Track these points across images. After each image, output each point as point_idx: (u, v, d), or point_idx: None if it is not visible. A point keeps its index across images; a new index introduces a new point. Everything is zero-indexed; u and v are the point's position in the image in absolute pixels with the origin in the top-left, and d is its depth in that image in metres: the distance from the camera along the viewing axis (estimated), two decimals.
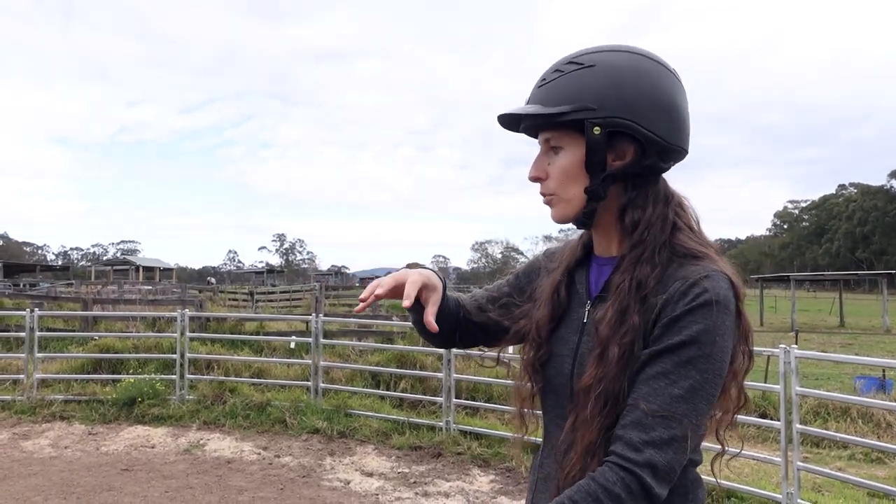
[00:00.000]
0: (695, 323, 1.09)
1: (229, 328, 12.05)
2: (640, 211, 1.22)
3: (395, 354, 9.67)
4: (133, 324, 12.27)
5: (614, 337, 1.15)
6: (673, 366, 1.09)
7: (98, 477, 6.50)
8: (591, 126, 1.19)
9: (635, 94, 1.19)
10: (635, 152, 1.21)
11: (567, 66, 1.24)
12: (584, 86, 1.21)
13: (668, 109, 1.21)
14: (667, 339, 1.10)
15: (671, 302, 1.12)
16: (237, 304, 26.06)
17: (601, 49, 1.25)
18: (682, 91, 1.27)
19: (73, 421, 8.43)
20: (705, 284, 1.11)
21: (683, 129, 1.25)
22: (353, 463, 7.03)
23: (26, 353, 9.13)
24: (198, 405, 8.74)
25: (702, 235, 1.25)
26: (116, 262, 77.06)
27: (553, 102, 1.22)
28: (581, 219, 1.27)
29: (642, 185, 1.24)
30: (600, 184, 1.22)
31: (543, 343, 1.31)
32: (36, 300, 15.37)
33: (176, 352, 9.13)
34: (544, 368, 1.31)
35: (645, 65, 1.23)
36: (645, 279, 1.17)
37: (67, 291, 24.60)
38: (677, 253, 1.19)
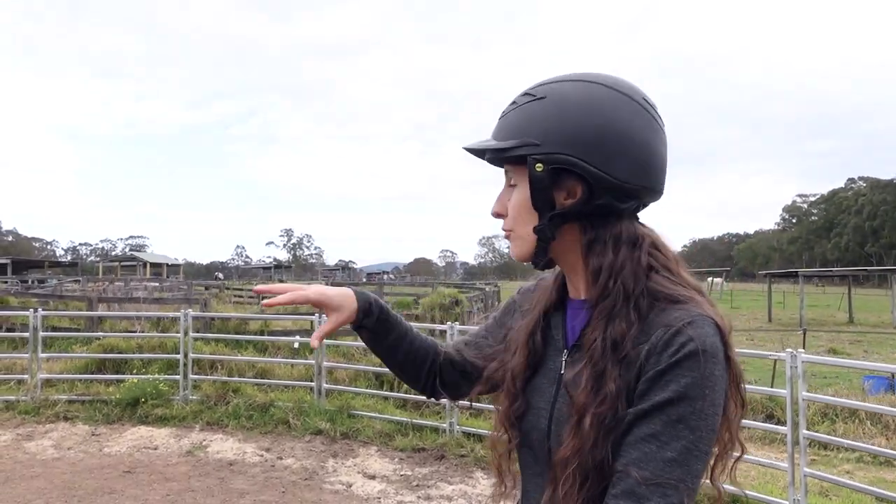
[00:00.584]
0: (682, 377, 1.00)
1: (233, 327, 12.02)
2: (600, 256, 1.13)
3: None
4: (137, 323, 12.27)
5: (590, 405, 1.06)
6: (663, 426, 0.99)
7: (100, 479, 6.48)
8: (533, 162, 1.12)
9: (580, 127, 1.10)
10: (583, 191, 1.12)
11: (522, 97, 1.18)
12: (531, 119, 1.14)
13: (622, 143, 1.10)
14: (653, 396, 1.01)
15: (654, 353, 1.03)
16: (243, 301, 26.06)
17: (558, 79, 1.17)
18: (647, 124, 1.14)
19: (77, 421, 8.42)
20: (690, 332, 1.01)
21: (645, 167, 1.13)
22: (356, 465, 6.99)
23: (30, 353, 9.12)
24: (201, 406, 8.72)
25: (683, 276, 1.14)
26: (124, 259, 77.30)
27: (504, 136, 1.17)
28: (533, 259, 1.20)
29: (601, 226, 1.14)
30: (548, 223, 1.14)
31: (519, 394, 1.22)
32: (41, 299, 15.41)
33: (179, 352, 9.11)
34: (520, 422, 1.23)
35: (598, 94, 1.12)
36: (621, 338, 1.07)
37: (73, 289, 24.65)
38: (657, 297, 1.09)
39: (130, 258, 76.02)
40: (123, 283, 26.70)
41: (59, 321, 12.72)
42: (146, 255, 79.71)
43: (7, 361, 10.11)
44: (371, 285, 33.19)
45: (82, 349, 10.72)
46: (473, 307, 12.78)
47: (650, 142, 1.13)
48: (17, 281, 32.09)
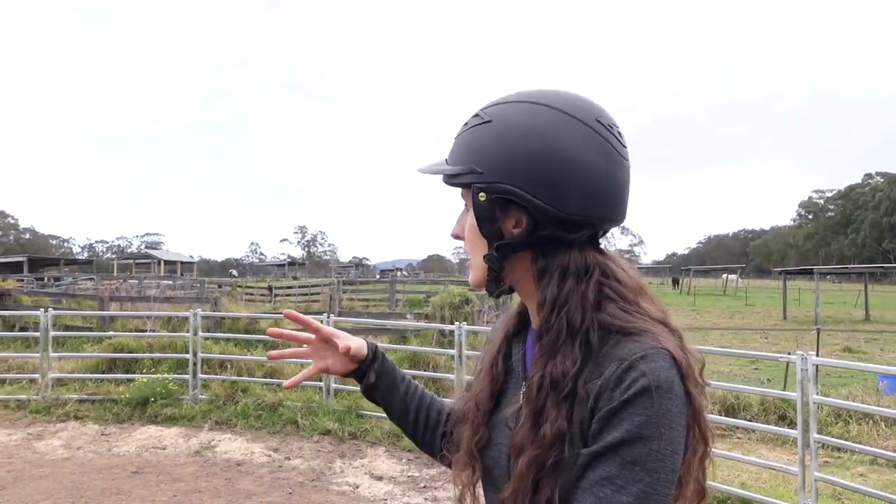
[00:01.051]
0: (635, 415, 0.93)
1: (244, 326, 12.04)
2: (544, 289, 1.07)
3: (409, 354, 9.61)
4: (148, 322, 12.31)
5: (528, 446, 1.01)
6: (617, 469, 0.92)
7: (108, 480, 6.49)
8: (477, 191, 1.07)
9: (522, 153, 1.03)
10: (528, 222, 1.06)
11: (472, 119, 1.12)
12: (476, 144, 1.09)
13: (567, 172, 1.02)
14: (606, 436, 0.94)
15: (607, 389, 0.96)
16: (255, 299, 26.13)
17: (505, 100, 1.11)
18: (598, 148, 1.05)
19: (87, 421, 8.46)
20: (642, 367, 0.94)
21: (595, 196, 1.04)
22: (364, 466, 6.97)
23: (41, 353, 9.17)
24: (210, 405, 8.73)
25: (641, 306, 1.06)
26: (139, 256, 77.82)
27: (454, 160, 1.12)
28: (486, 287, 1.15)
29: (551, 256, 1.07)
30: (495, 253, 1.09)
31: (482, 425, 1.16)
32: (54, 297, 15.51)
33: (189, 351, 9.13)
34: (482, 455, 1.16)
35: (544, 118, 1.04)
36: (562, 376, 1.00)
37: (87, 287, 24.82)
38: (609, 330, 1.01)
39: (145, 256, 76.50)
40: (137, 282, 26.86)
41: (71, 320, 12.80)
42: (161, 253, 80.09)
43: (19, 360, 10.18)
44: (384, 282, 33.16)
45: (93, 348, 10.78)
46: (484, 306, 12.71)
47: (602, 168, 1.05)
48: (33, 279, 32.33)
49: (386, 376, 1.40)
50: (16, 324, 12.35)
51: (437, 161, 1.17)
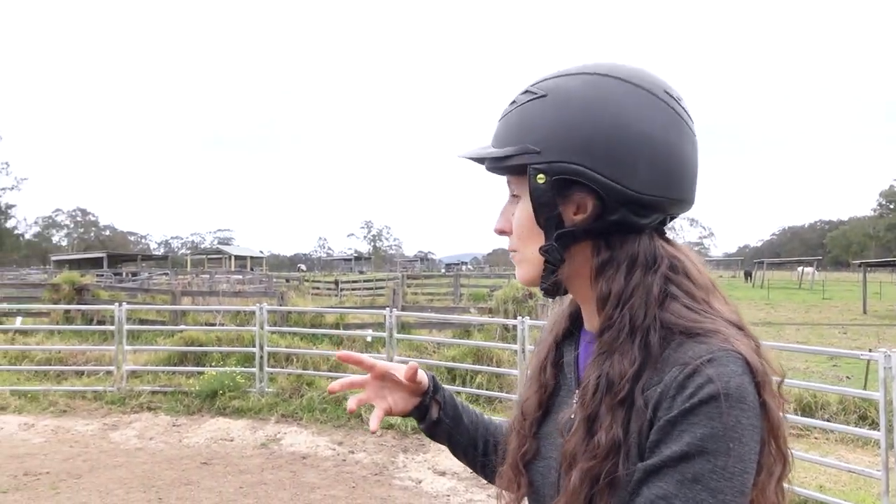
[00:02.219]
0: (698, 426, 0.81)
1: (309, 320, 12.20)
2: (608, 282, 0.95)
3: (472, 349, 9.56)
4: (217, 316, 12.60)
5: (580, 455, 0.90)
6: (676, 487, 0.81)
7: (178, 470, 6.65)
8: (534, 172, 0.94)
9: (588, 129, 0.92)
10: (595, 205, 0.94)
11: (522, 95, 1.00)
12: (530, 121, 0.96)
13: (639, 147, 0.92)
14: (665, 449, 0.83)
15: (667, 397, 0.84)
16: (321, 293, 26.53)
17: (563, 73, 0.99)
18: (670, 122, 0.94)
19: (159, 412, 8.70)
20: (709, 372, 0.82)
21: (669, 174, 0.94)
22: (426, 461, 6.96)
23: (116, 346, 9.48)
24: (276, 398, 8.87)
25: (712, 305, 0.94)
26: (211, 252, 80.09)
27: (502, 142, 1.00)
28: (541, 284, 1.01)
29: (617, 246, 0.96)
30: (555, 244, 0.97)
31: (529, 436, 1.06)
32: (130, 292, 16.04)
33: (256, 345, 9.30)
34: (529, 469, 1.05)
35: (609, 90, 0.94)
36: (619, 378, 0.89)
37: (161, 283, 25.65)
38: (672, 330, 0.90)
39: (217, 251, 78.77)
40: (209, 276, 27.61)
41: (145, 314, 13.21)
42: (232, 248, 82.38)
43: (96, 353, 10.55)
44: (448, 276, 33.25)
45: (165, 341, 11.10)
46: (548, 300, 12.56)
47: (674, 144, 0.94)
48: (112, 274, 33.62)
49: (448, 408, 1.27)
50: (94, 317, 12.81)
51: (481, 145, 1.05)
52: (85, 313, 12.76)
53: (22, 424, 8.16)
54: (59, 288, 13.92)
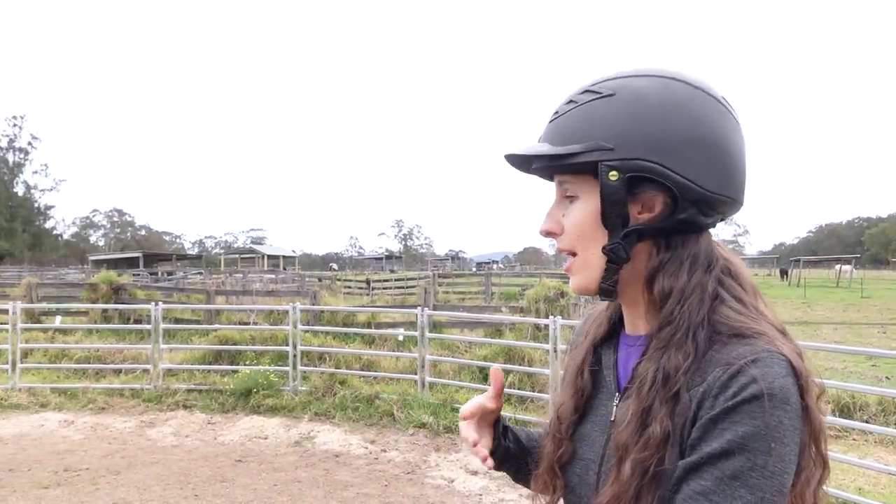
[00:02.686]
0: (740, 424, 0.82)
1: (342, 319, 12.28)
2: (672, 278, 0.95)
3: (503, 348, 9.55)
4: (251, 315, 12.75)
5: (632, 447, 0.91)
6: (715, 483, 0.82)
7: (213, 467, 6.74)
8: (607, 170, 0.95)
9: (664, 128, 0.94)
10: (665, 203, 0.95)
11: (582, 95, 1.00)
12: (599, 119, 0.97)
13: (709, 148, 0.95)
14: (705, 447, 0.84)
15: (709, 395, 0.86)
16: (353, 292, 26.69)
17: (625, 74, 1.00)
18: (732, 126, 0.98)
19: (195, 410, 8.82)
20: (753, 372, 0.84)
21: (732, 174, 0.97)
22: (458, 460, 6.96)
23: (153, 344, 9.64)
24: (309, 396, 8.95)
25: (758, 308, 0.96)
26: (244, 251, 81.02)
27: (563, 140, 0.99)
28: (602, 286, 1.01)
29: (679, 245, 0.97)
30: (621, 242, 0.97)
31: (565, 439, 1.07)
32: (165, 291, 16.28)
33: (289, 343, 9.39)
34: (565, 472, 1.06)
35: (680, 92, 0.96)
36: (674, 371, 0.90)
37: (195, 282, 26.00)
38: (719, 331, 0.91)
39: (250, 251, 79.67)
40: (242, 276, 27.93)
41: (181, 313, 13.40)
42: (264, 248, 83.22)
43: (133, 351, 10.73)
44: (479, 275, 33.23)
45: (200, 340, 11.26)
46: (580, 299, 12.49)
47: (735, 146, 0.98)
48: (148, 273, 34.19)
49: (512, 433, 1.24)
50: (131, 316, 13.03)
51: (530, 145, 1.04)
52: (122, 312, 13.00)
53: (62, 421, 8.33)
54: (98, 287, 14.20)
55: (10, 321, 9.65)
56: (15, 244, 63.72)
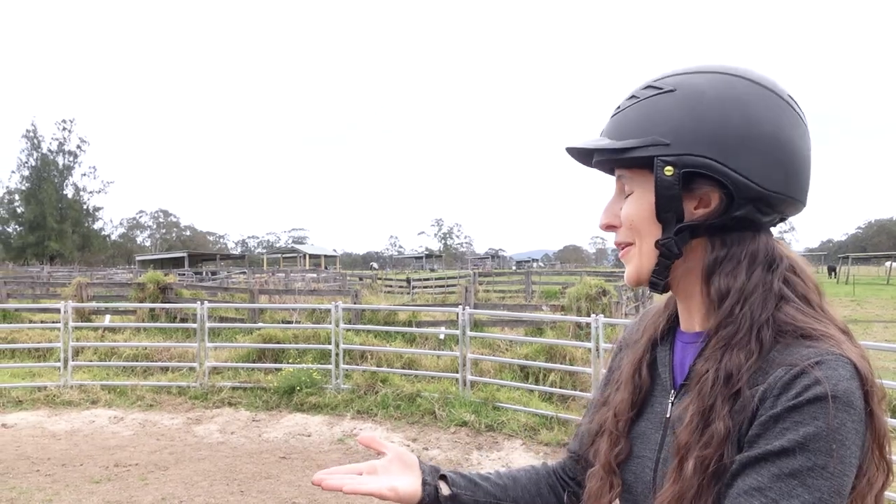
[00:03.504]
0: (802, 424, 0.82)
1: (383, 318, 12.35)
2: (729, 277, 0.95)
3: (545, 347, 9.50)
4: (294, 314, 12.90)
5: (694, 446, 0.90)
6: (772, 480, 0.82)
7: (258, 464, 6.84)
8: (662, 165, 0.95)
9: (720, 124, 0.93)
10: (721, 200, 0.95)
11: (644, 90, 1.00)
12: (658, 115, 0.97)
13: (768, 145, 0.93)
14: (764, 444, 0.84)
15: (771, 394, 0.85)
16: (393, 291, 26.80)
17: (687, 70, 1.00)
18: (796, 124, 0.96)
19: (240, 407, 8.96)
20: (817, 374, 0.83)
21: (794, 173, 0.96)
22: (500, 459, 6.96)
23: (199, 343, 9.82)
24: (352, 394, 9.03)
25: (824, 309, 0.94)
26: (286, 251, 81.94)
27: (622, 135, 1.00)
28: (653, 279, 1.01)
29: (735, 243, 0.96)
30: (674, 237, 0.97)
31: (621, 437, 1.07)
32: (210, 290, 16.55)
33: (332, 342, 9.47)
34: (622, 470, 1.06)
35: (741, 88, 0.95)
36: (736, 370, 0.90)
37: (239, 281, 26.39)
38: (783, 331, 0.90)
39: (292, 250, 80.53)
40: (284, 275, 28.26)
41: (225, 312, 13.61)
42: (306, 247, 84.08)
43: (180, 350, 10.94)
44: (519, 273, 33.12)
45: (244, 339, 11.42)
46: (622, 297, 12.37)
47: (798, 145, 0.96)
48: (192, 273, 34.83)
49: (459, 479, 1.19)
50: (177, 315, 13.28)
51: (592, 138, 1.05)
52: (169, 311, 13.24)
53: (112, 417, 8.53)
54: (145, 287, 14.49)
55: (62, 320, 9.92)
56: (65, 245, 65.21)
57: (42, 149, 67.89)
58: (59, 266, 48.66)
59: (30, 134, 67.51)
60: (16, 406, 9.02)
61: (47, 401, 9.20)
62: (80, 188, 70.82)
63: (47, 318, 13.48)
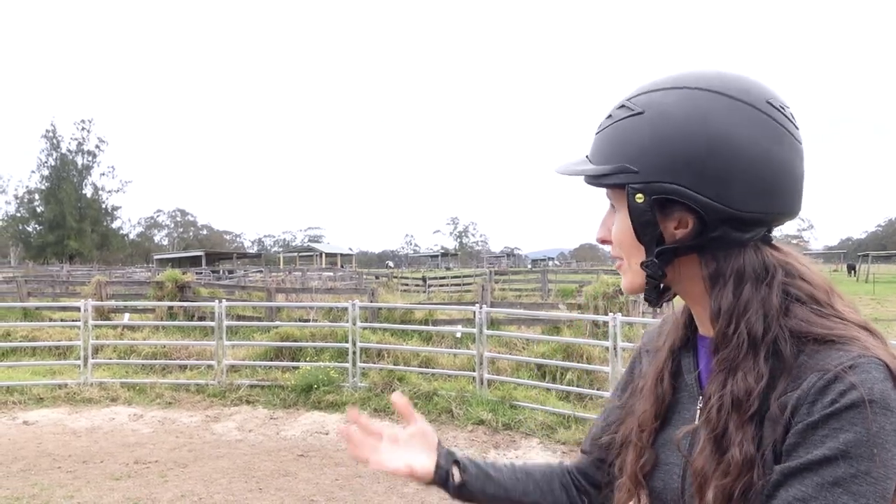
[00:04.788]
0: (841, 431, 0.80)
1: (399, 316, 12.37)
2: (720, 297, 0.93)
3: (562, 345, 9.48)
4: (311, 312, 12.94)
5: (711, 474, 0.89)
6: (815, 490, 0.80)
7: (276, 462, 6.87)
8: (633, 192, 0.94)
9: (686, 148, 0.90)
10: (695, 223, 0.93)
11: (618, 111, 0.99)
12: (626, 139, 0.95)
13: (736, 165, 0.90)
14: (804, 453, 0.82)
15: (805, 402, 0.83)
16: (409, 290, 26.84)
17: (658, 86, 0.97)
18: (771, 134, 0.91)
19: (257, 405, 9.01)
20: (851, 379, 0.81)
21: (770, 189, 0.92)
22: (518, 457, 6.95)
23: (216, 341, 9.87)
24: (369, 393, 9.05)
25: (838, 308, 0.92)
26: (303, 250, 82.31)
27: (599, 159, 0.99)
28: (644, 296, 1.02)
29: (723, 259, 0.94)
30: (655, 259, 0.96)
31: (646, 447, 1.05)
32: (227, 289, 16.65)
33: (349, 340, 9.50)
34: (649, 479, 1.04)
35: (708, 105, 0.91)
36: (745, 395, 0.88)
37: (256, 280, 26.54)
38: (805, 337, 0.88)
39: (308, 249, 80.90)
40: (301, 274, 28.39)
41: (242, 310, 13.69)
42: (322, 246, 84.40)
43: (198, 348, 11.01)
44: (535, 272, 33.06)
45: (262, 337, 11.47)
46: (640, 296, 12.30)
47: (776, 157, 0.92)
48: (210, 271, 35.07)
49: (471, 465, 1.21)
50: (195, 313, 13.36)
51: (576, 160, 1.05)
52: (187, 309, 13.33)
53: (132, 415, 8.60)
54: (163, 285, 14.61)
55: (82, 318, 10.01)
56: (84, 244, 65.83)
57: (61, 149, 68.65)
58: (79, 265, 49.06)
59: (49, 134, 68.28)
60: (37, 403, 9.11)
61: (68, 398, 9.29)
62: (99, 188, 71.54)
63: (67, 316, 13.60)
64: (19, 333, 12.35)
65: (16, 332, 12.42)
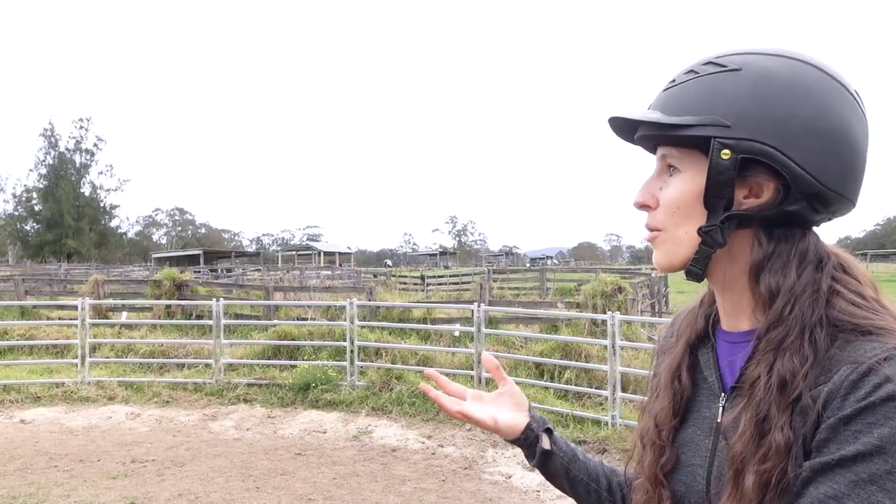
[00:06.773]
0: (876, 426, 0.76)
1: (397, 315, 12.35)
2: (779, 276, 0.89)
3: (560, 344, 9.47)
4: (309, 311, 12.92)
5: (750, 458, 0.85)
6: (848, 487, 0.77)
7: (274, 460, 6.85)
8: (720, 147, 0.88)
9: (788, 112, 0.87)
10: (776, 191, 0.89)
11: (704, 66, 0.94)
12: (719, 94, 0.90)
13: (832, 140, 0.88)
14: (836, 449, 0.79)
15: (837, 395, 0.81)
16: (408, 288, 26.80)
17: (754, 50, 0.93)
18: (860, 121, 0.91)
19: (255, 404, 8.99)
20: (886, 372, 0.78)
21: (853, 172, 0.90)
22: (516, 456, 6.93)
23: (214, 339, 9.85)
24: (367, 391, 9.03)
25: (880, 303, 0.89)
26: (301, 248, 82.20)
27: (676, 111, 0.92)
28: (690, 267, 0.95)
29: (783, 239, 0.91)
30: (720, 225, 0.90)
31: (666, 446, 1.00)
32: (225, 288, 16.61)
33: (347, 339, 9.48)
34: (670, 480, 1.00)
35: (810, 77, 0.89)
36: (791, 376, 0.84)
37: (254, 279, 26.49)
38: (841, 328, 0.86)
39: (306, 248, 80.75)
40: (299, 272, 28.35)
41: (240, 309, 13.66)
42: (320, 245, 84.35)
43: (196, 346, 10.99)
44: (534, 270, 33.04)
45: (259, 335, 11.46)
46: (638, 294, 12.30)
47: (862, 143, 0.91)
48: (208, 270, 35.04)
49: (560, 441, 1.19)
50: (193, 312, 13.33)
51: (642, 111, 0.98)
52: (185, 308, 13.30)
53: (129, 414, 8.58)
54: (161, 284, 14.57)
55: (80, 317, 9.98)
56: (82, 243, 65.64)
57: (59, 147, 68.46)
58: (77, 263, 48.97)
59: (47, 132, 68.08)
60: (34, 402, 9.09)
61: (65, 397, 9.26)
62: (97, 186, 71.35)
63: (65, 315, 13.56)
64: (16, 332, 12.31)
65: (13, 330, 12.39)
